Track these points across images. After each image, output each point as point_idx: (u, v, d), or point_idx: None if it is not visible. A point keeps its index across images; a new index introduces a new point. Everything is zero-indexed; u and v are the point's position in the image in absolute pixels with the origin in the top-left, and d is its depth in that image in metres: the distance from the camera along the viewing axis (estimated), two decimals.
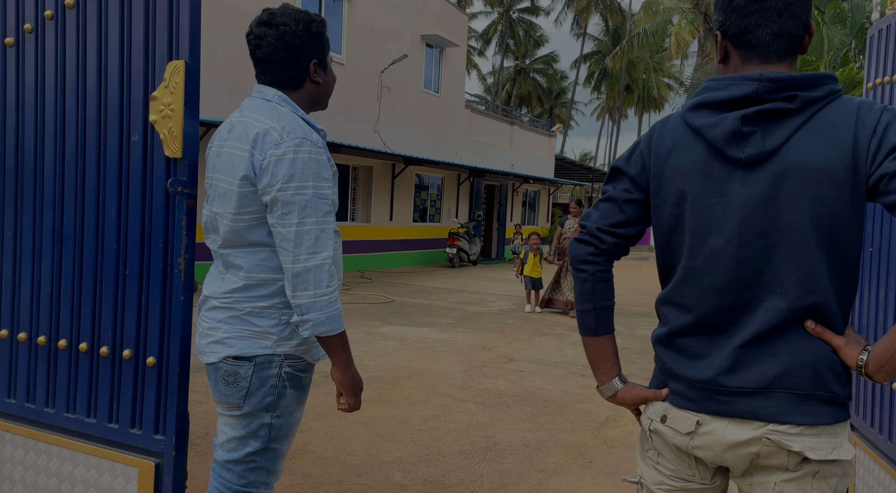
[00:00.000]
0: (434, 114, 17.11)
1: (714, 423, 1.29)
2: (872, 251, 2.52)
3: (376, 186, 15.10)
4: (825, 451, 1.23)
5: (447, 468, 3.48)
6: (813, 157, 1.22)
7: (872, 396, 2.47)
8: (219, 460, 1.74)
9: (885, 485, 2.36)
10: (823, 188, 1.21)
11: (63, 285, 2.07)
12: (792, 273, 1.23)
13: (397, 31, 15.37)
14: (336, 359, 1.68)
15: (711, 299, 1.29)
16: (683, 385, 1.33)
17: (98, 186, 2.00)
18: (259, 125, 1.63)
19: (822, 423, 1.24)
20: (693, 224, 1.31)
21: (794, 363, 1.24)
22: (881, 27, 2.55)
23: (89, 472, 2.05)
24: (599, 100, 44.35)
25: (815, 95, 1.24)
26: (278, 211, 1.59)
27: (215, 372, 1.71)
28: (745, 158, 1.25)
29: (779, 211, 1.23)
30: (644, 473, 1.46)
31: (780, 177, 1.23)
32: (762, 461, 1.27)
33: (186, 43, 1.86)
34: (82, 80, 2.02)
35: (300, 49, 1.71)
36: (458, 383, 5.29)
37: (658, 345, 1.41)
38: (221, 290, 1.72)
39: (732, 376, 1.26)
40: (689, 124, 1.32)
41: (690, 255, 1.32)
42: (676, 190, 1.33)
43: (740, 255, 1.26)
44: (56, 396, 2.10)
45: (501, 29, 39.46)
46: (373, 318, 8.30)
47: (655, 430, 1.40)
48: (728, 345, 1.28)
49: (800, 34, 1.30)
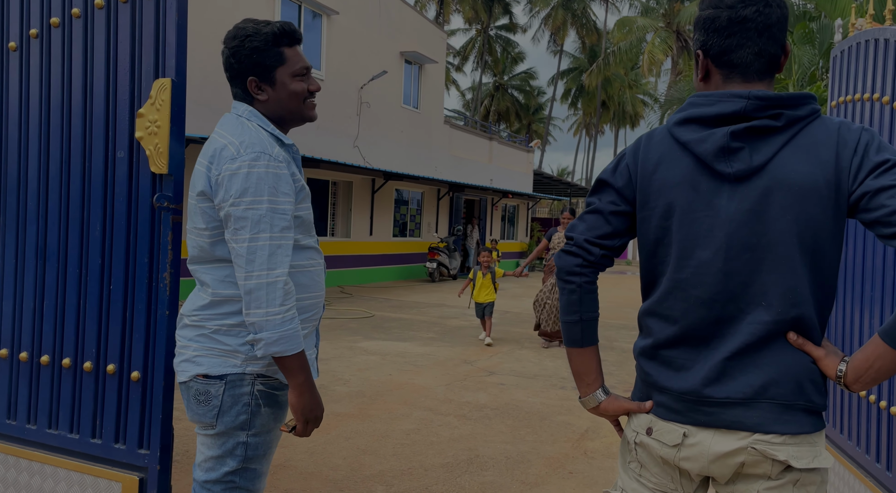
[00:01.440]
0: (413, 129, 17.21)
1: (700, 434, 1.31)
2: (845, 266, 2.61)
3: (356, 201, 15.11)
4: (807, 459, 1.27)
5: (429, 482, 3.49)
6: (798, 174, 1.26)
7: (848, 407, 2.55)
8: (198, 480, 1.70)
9: (856, 490, 2.43)
10: (808, 204, 1.26)
11: (46, 301, 2.07)
12: (777, 287, 1.27)
13: (376, 47, 15.48)
14: (292, 382, 1.60)
15: (697, 311, 1.32)
16: (669, 397, 1.35)
17: (83, 202, 2.02)
18: (220, 140, 1.62)
19: (804, 432, 1.27)
20: (680, 237, 1.33)
21: (777, 375, 1.27)
22: (843, 48, 2.67)
23: (72, 488, 2.04)
24: (576, 116, 44.91)
25: (799, 113, 1.28)
26: (232, 226, 1.57)
27: (187, 391, 1.68)
28: (733, 173, 1.28)
29: (765, 226, 1.27)
30: (626, 485, 1.47)
31: (766, 192, 1.27)
32: (746, 470, 1.30)
33: (173, 62, 1.89)
34: (67, 97, 2.04)
35: (235, 70, 1.70)
36: (440, 396, 5.31)
37: (642, 357, 1.42)
38: (192, 307, 1.70)
39: (718, 388, 1.29)
40: (677, 139, 1.35)
41: (677, 267, 1.34)
42: (664, 203, 1.35)
43: (727, 268, 1.29)
44: (38, 412, 2.09)
45: (479, 46, 39.90)
46: (353, 333, 8.29)
47: (641, 442, 1.41)
48: (713, 357, 1.30)
49: (778, 54, 1.35)
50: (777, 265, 1.27)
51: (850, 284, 2.53)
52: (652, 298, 1.40)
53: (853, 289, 2.51)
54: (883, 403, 2.20)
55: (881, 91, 2.32)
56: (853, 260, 2.51)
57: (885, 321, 1.30)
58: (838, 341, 2.61)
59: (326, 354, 6.86)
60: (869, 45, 2.44)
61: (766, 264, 1.28)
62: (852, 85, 2.57)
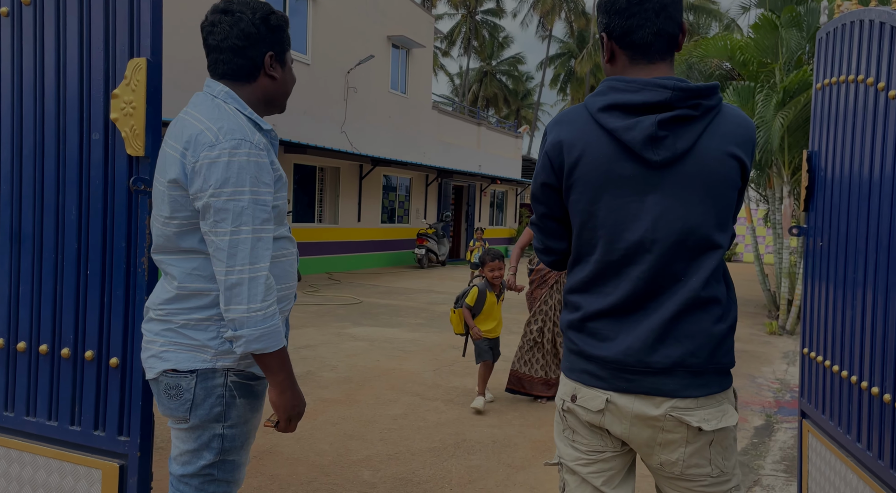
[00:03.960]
0: (401, 115, 17.10)
1: (622, 400, 1.42)
2: (823, 246, 2.61)
3: (344, 187, 15.02)
4: (715, 421, 1.41)
5: (416, 466, 3.49)
6: (714, 160, 1.39)
7: (830, 387, 2.57)
8: (174, 474, 1.64)
9: (837, 470, 2.46)
10: (723, 188, 1.40)
11: (22, 286, 2.03)
12: (697, 266, 1.40)
13: (363, 31, 15.32)
14: (272, 379, 1.54)
15: (625, 288, 1.41)
16: (594, 365, 1.45)
17: (57, 185, 1.98)
18: (196, 125, 1.51)
19: (712, 392, 1.41)
20: (609, 222, 1.42)
21: (695, 346, 1.39)
22: (828, 30, 2.65)
23: (51, 476, 2.02)
24: (565, 101, 44.81)
25: (711, 103, 1.39)
26: (211, 218, 1.47)
27: (157, 386, 1.61)
28: (660, 160, 1.37)
29: (687, 209, 1.39)
30: (563, 452, 1.57)
31: (688, 177, 1.38)
32: (664, 438, 1.42)
33: (148, 41, 1.84)
34: (40, 77, 1.99)
35: (255, 38, 1.60)
36: (427, 382, 5.31)
37: (570, 329, 1.51)
38: (157, 300, 1.62)
39: (640, 357, 1.39)
40: (602, 125, 1.40)
41: (607, 250, 1.43)
42: (590, 188, 1.42)
43: (653, 249, 1.39)
44: (15, 399, 2.06)
45: (466, 30, 39.62)
46: (341, 319, 8.27)
47: (568, 409, 1.51)
48: (636, 329, 1.41)
49: (675, 33, 1.44)
50: (698, 246, 1.40)
51: (825, 263, 2.54)
52: (579, 276, 1.49)
53: (828, 269, 2.52)
54: (864, 383, 2.21)
55: (866, 73, 2.32)
56: (828, 239, 2.51)
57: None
58: (814, 321, 2.63)
59: (314, 340, 6.85)
60: (854, 27, 2.43)
61: (689, 244, 1.39)
62: (837, 67, 2.56)
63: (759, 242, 17.67)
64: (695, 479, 1.44)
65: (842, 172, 2.48)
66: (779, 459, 3.81)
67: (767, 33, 8.76)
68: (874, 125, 2.23)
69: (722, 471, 1.45)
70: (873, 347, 2.17)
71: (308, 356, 6.05)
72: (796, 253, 10.13)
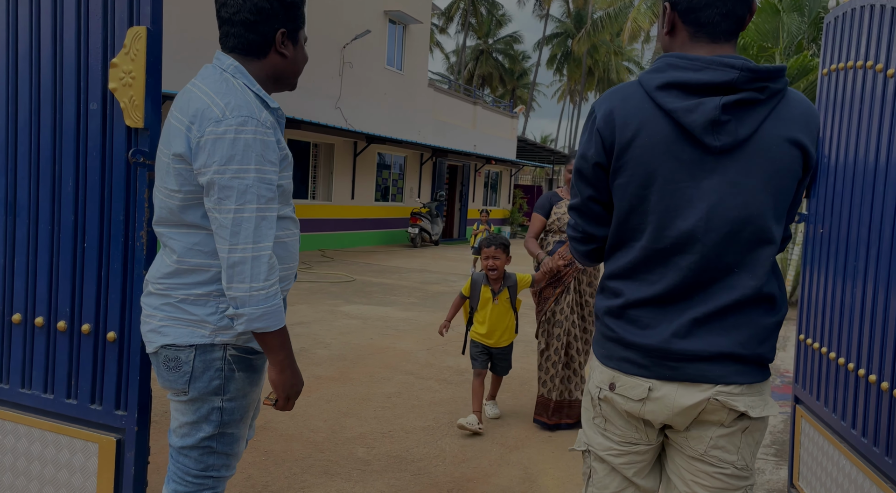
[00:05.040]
0: (397, 92, 16.94)
1: (665, 387, 1.37)
2: (823, 233, 2.61)
3: (338, 164, 14.92)
4: (759, 409, 1.37)
5: (410, 444, 3.51)
6: (776, 147, 1.32)
7: (826, 374, 2.58)
8: (174, 445, 1.66)
9: (830, 456, 2.48)
10: (784, 178, 1.33)
11: (17, 258, 2.00)
12: (753, 256, 1.34)
13: (359, 5, 15.10)
14: (272, 358, 1.55)
15: (673, 277, 1.35)
16: (635, 353, 1.39)
17: (54, 156, 1.94)
18: (202, 99, 1.49)
19: (757, 381, 1.37)
20: (661, 207, 1.34)
21: (744, 337, 1.35)
22: (837, 15, 2.63)
23: (47, 448, 2.01)
24: (561, 82, 44.53)
25: (778, 86, 1.31)
26: (215, 195, 1.46)
27: (156, 358, 1.62)
28: (720, 146, 1.30)
29: (745, 198, 1.31)
30: (592, 440, 1.52)
31: (748, 164, 1.31)
32: (703, 417, 1.38)
33: (148, 8, 1.80)
34: (36, 45, 1.94)
35: (268, 13, 1.57)
36: (421, 361, 5.32)
37: (608, 316, 1.46)
38: (157, 274, 1.61)
39: (686, 343, 1.34)
40: (660, 105, 1.32)
41: (656, 237, 1.35)
42: (643, 171, 1.34)
43: (706, 239, 1.32)
44: (11, 371, 2.04)
45: (464, 6, 39.15)
46: (335, 297, 8.26)
47: (605, 397, 1.46)
48: (682, 317, 1.35)
49: (744, 15, 1.36)
50: (753, 238, 1.33)
51: (826, 250, 2.54)
52: (621, 262, 1.42)
53: (829, 256, 2.52)
54: (861, 371, 2.23)
55: (875, 59, 2.30)
56: (829, 227, 2.51)
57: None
58: (814, 308, 2.64)
59: (307, 317, 6.84)
60: (864, 12, 2.40)
61: (743, 235, 1.33)
62: (845, 52, 2.53)
63: None
64: (716, 465, 1.39)
65: (846, 159, 2.47)
66: (768, 443, 3.85)
67: (768, 17, 8.71)
68: (882, 112, 2.22)
69: (746, 465, 1.41)
70: (871, 335, 2.18)
71: (301, 333, 6.04)
72: (791, 240, 10.18)
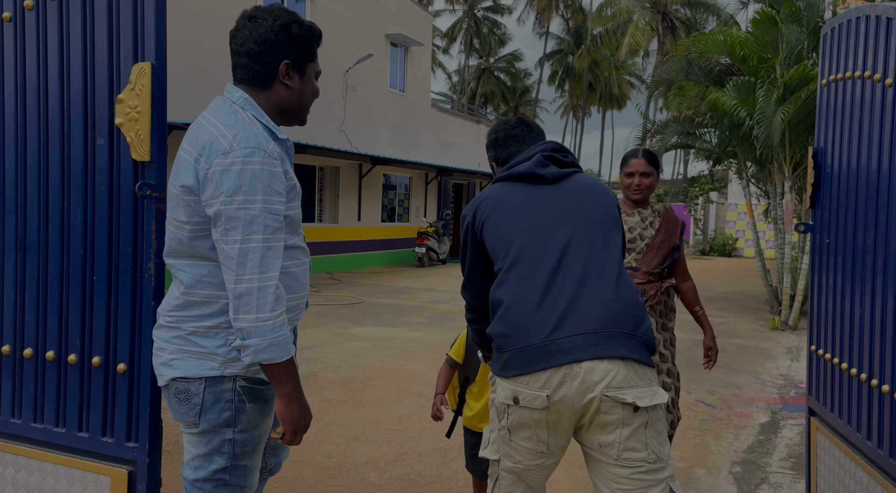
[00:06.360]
0: (400, 113, 17.08)
1: (555, 376, 1.62)
2: (830, 242, 2.61)
3: (343, 186, 15.00)
4: (648, 399, 1.58)
5: (423, 467, 3.49)
6: (586, 185, 1.93)
7: (839, 385, 2.56)
8: (187, 479, 1.66)
9: (847, 468, 2.45)
10: (598, 200, 1.91)
11: (28, 293, 2.02)
12: (584, 252, 1.81)
13: (361, 30, 15.29)
14: (279, 390, 1.53)
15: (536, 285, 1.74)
16: (528, 352, 1.66)
17: (62, 191, 1.96)
18: (211, 131, 1.53)
19: (646, 362, 1.65)
20: (521, 236, 1.81)
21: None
22: (833, 26, 2.64)
23: (59, 482, 2.01)
24: (563, 98, 44.75)
25: (571, 159, 1.96)
26: (222, 226, 1.48)
27: (167, 390, 1.63)
28: (549, 175, 1.88)
29: (576, 210, 1.83)
30: (500, 450, 1.75)
31: (573, 190, 1.88)
32: (602, 418, 1.59)
33: (153, 45, 1.83)
34: (44, 82, 1.97)
35: (272, 45, 1.61)
36: (431, 381, 5.30)
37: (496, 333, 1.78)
38: (167, 306, 1.63)
39: (561, 331, 1.65)
40: (505, 181, 1.93)
41: (523, 243, 1.82)
42: (511, 218, 1.85)
43: (554, 242, 1.77)
44: (23, 405, 2.05)
45: (466, 27, 39.55)
46: (343, 319, 8.26)
47: (510, 412, 1.69)
48: (553, 314, 1.69)
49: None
50: (590, 237, 1.81)
51: (833, 258, 2.53)
52: (501, 289, 1.80)
53: (835, 263, 2.51)
54: (874, 381, 2.21)
55: (872, 69, 2.30)
56: (835, 236, 2.50)
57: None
58: (820, 314, 2.62)
59: (316, 341, 6.84)
60: (860, 22, 2.41)
61: (598, 239, 1.82)
62: (843, 63, 2.55)
63: (760, 237, 17.63)
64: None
65: (848, 168, 2.47)
66: (785, 456, 3.81)
67: (767, 28, 8.74)
68: (881, 122, 2.22)
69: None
70: (883, 344, 2.16)
71: (311, 357, 6.04)
72: (797, 248, 10.12)
